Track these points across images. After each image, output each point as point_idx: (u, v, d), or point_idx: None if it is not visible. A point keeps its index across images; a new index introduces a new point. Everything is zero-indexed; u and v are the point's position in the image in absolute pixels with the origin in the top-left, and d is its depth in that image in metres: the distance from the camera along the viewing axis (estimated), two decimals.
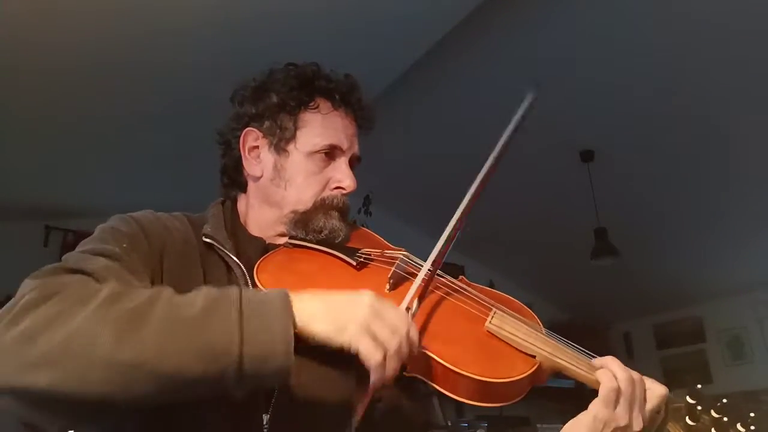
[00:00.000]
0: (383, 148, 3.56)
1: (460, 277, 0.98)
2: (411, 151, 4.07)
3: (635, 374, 0.81)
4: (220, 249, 0.91)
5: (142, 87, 2.79)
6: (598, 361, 0.83)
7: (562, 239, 4.74)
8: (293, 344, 0.68)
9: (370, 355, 0.70)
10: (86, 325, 0.65)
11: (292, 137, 0.98)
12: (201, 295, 0.71)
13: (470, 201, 0.93)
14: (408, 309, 0.79)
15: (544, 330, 0.87)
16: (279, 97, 0.98)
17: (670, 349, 5.95)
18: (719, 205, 4.38)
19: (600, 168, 4.09)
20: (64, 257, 0.79)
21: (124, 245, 0.83)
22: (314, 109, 0.99)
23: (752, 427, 0.80)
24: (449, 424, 3.89)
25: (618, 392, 0.78)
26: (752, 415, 0.81)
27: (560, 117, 3.74)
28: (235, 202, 1.06)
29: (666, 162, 4.07)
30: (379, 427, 0.89)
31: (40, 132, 3.00)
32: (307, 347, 0.71)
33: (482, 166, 0.97)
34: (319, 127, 0.98)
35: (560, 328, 0.89)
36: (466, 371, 0.76)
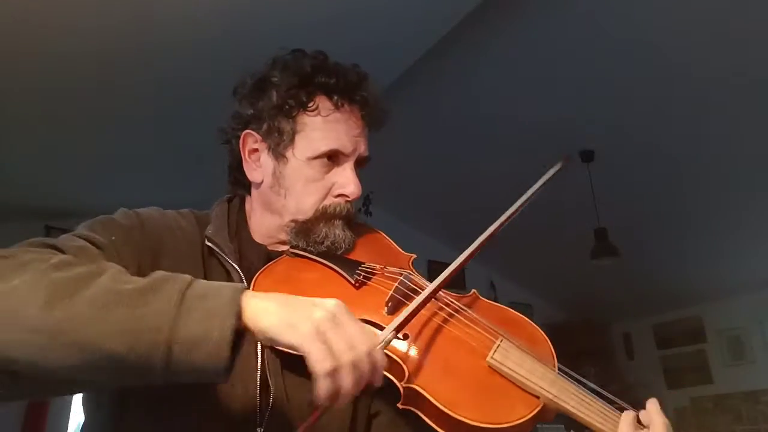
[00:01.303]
0: (383, 148, 3.56)
1: (473, 291, 0.92)
2: (411, 151, 4.07)
3: None
4: (220, 254, 0.88)
5: (142, 87, 2.79)
6: (645, 418, 0.74)
7: (562, 239, 4.74)
8: (231, 334, 0.61)
9: (317, 360, 0.62)
10: (22, 286, 0.62)
11: (290, 142, 0.91)
12: (152, 276, 0.67)
13: (480, 244, 0.86)
14: (387, 339, 0.72)
15: (556, 366, 0.79)
16: (277, 98, 0.91)
17: (670, 349, 5.95)
18: (719, 205, 4.38)
19: (600, 168, 4.09)
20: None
21: (113, 237, 0.81)
22: (313, 111, 0.90)
23: None
24: None
25: None
26: None
27: (560, 117, 3.74)
28: (243, 200, 1.01)
29: (666, 162, 4.07)
30: None
31: (40, 132, 2.99)
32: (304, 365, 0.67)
33: (498, 217, 0.90)
34: (319, 131, 0.90)
35: (560, 328, 0.85)
36: (460, 415, 0.72)
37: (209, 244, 0.90)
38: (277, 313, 0.64)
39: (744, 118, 3.61)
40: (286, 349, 0.66)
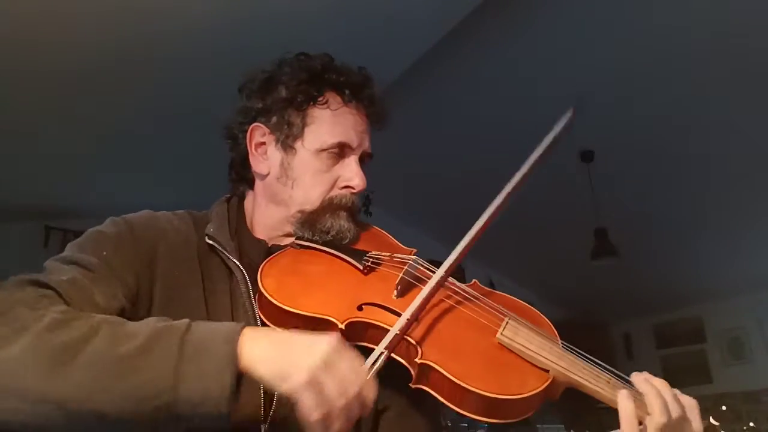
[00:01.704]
0: (384, 148, 3.56)
1: (473, 281, 0.94)
2: (411, 151, 4.07)
3: (674, 405, 0.74)
4: (222, 251, 0.89)
5: (142, 87, 2.79)
6: (636, 381, 0.76)
7: (562, 239, 4.74)
8: (231, 389, 0.65)
9: (309, 411, 0.64)
10: (19, 356, 0.64)
11: (300, 134, 0.94)
12: (145, 330, 0.69)
13: (493, 212, 0.87)
14: (373, 364, 0.72)
15: (560, 342, 0.82)
16: (287, 92, 0.94)
17: (670, 349, 5.95)
18: (719, 205, 4.38)
19: (600, 168, 4.09)
20: (46, 262, 0.80)
21: (104, 253, 0.82)
22: (323, 104, 0.94)
23: None
24: (449, 424, 3.89)
25: (642, 421, 0.72)
26: None
27: (560, 117, 3.74)
28: (242, 199, 1.03)
29: (666, 162, 4.07)
30: None
31: (40, 132, 2.99)
32: None
33: (509, 179, 0.91)
34: (328, 124, 0.94)
35: (560, 327, 0.86)
36: (474, 387, 0.73)
37: (210, 242, 0.90)
38: (271, 363, 0.67)
39: (744, 118, 3.61)
40: None
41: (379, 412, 0.90)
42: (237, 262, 0.88)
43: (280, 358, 0.67)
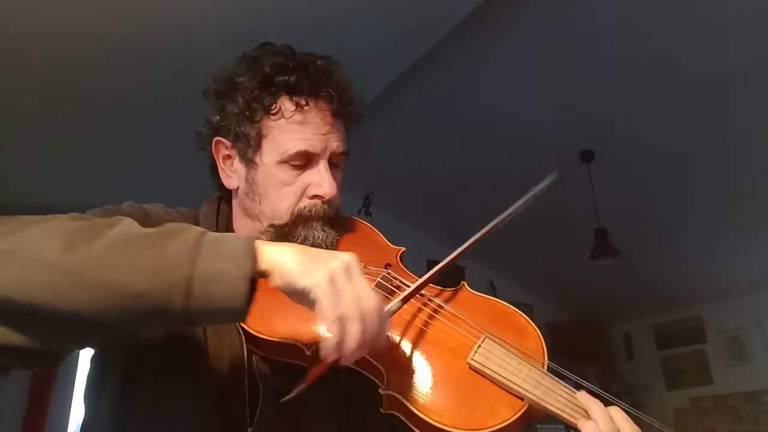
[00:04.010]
0: (383, 148, 3.56)
1: (462, 284, 0.89)
2: (411, 151, 4.07)
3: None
4: None
5: (142, 87, 2.79)
6: (583, 401, 0.72)
7: (562, 239, 4.74)
8: (248, 272, 0.63)
9: (328, 306, 0.63)
10: (39, 233, 0.64)
11: (258, 148, 0.89)
12: (165, 225, 0.68)
13: (459, 253, 0.83)
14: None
15: (545, 360, 0.76)
16: (242, 102, 0.89)
17: (670, 350, 5.95)
18: (719, 206, 4.38)
19: (600, 168, 4.09)
20: None
21: None
22: (276, 114, 0.88)
23: None
24: None
25: None
26: None
27: (560, 117, 3.74)
28: (230, 199, 1.00)
29: (666, 162, 4.07)
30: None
31: (40, 132, 3.00)
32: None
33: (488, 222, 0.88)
34: (284, 134, 0.87)
35: (560, 328, 0.84)
36: (437, 421, 0.69)
37: None
38: (294, 258, 0.66)
39: (744, 118, 3.61)
40: (295, 298, 0.66)
41: (365, 406, 0.90)
42: None
43: (301, 256, 0.67)
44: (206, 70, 0.95)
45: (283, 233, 0.90)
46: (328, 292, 0.63)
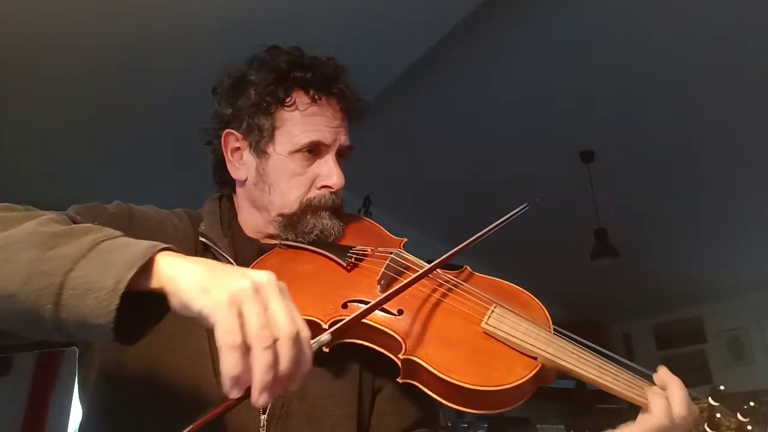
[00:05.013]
0: (383, 149, 3.56)
1: (464, 266, 0.93)
2: (411, 151, 4.07)
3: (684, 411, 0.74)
4: (215, 249, 0.89)
5: (143, 87, 2.79)
6: (659, 380, 0.77)
7: (562, 239, 4.74)
8: (125, 286, 0.55)
9: (223, 332, 0.53)
10: None
11: (271, 138, 0.92)
12: (84, 224, 0.65)
13: (439, 263, 0.84)
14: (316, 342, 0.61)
15: (552, 327, 0.81)
16: (255, 95, 0.92)
17: (670, 349, 5.95)
18: (719, 205, 4.38)
19: (600, 168, 4.09)
20: None
21: (96, 222, 0.78)
22: (291, 105, 0.92)
23: None
24: (449, 424, 3.89)
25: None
26: None
27: (560, 117, 3.74)
28: (231, 198, 1.02)
29: (666, 162, 4.07)
30: (379, 418, 0.89)
31: (40, 133, 3.00)
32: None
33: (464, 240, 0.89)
34: (298, 125, 0.91)
35: (560, 327, 0.85)
36: (457, 380, 0.72)
37: (203, 239, 0.91)
38: (193, 276, 0.57)
39: (744, 118, 3.61)
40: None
41: (375, 392, 0.91)
42: (230, 259, 0.88)
43: (205, 274, 0.58)
44: (205, 72, 0.96)
45: (292, 222, 0.93)
46: (227, 316, 0.54)
